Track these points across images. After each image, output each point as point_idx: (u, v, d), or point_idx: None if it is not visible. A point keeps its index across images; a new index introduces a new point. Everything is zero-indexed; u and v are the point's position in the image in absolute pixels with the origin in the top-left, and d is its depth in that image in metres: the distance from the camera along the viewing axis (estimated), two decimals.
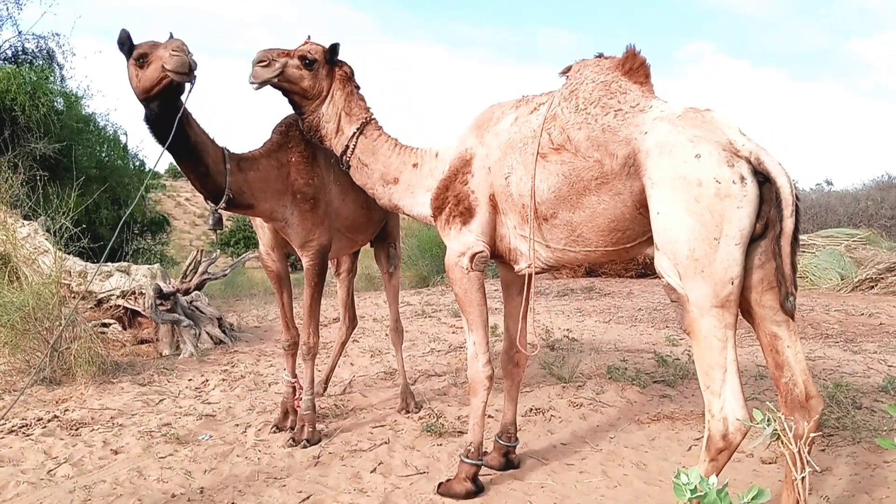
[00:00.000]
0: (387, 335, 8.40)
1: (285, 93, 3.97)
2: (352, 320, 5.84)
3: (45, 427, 4.78)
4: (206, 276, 8.51)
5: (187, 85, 3.60)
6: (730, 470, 3.35)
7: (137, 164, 15.15)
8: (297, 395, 4.70)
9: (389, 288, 5.50)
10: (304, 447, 4.36)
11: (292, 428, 4.63)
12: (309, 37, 4.03)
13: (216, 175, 3.95)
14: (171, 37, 3.62)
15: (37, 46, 13.08)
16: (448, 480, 3.66)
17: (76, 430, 4.74)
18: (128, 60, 3.62)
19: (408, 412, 5.09)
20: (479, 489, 3.61)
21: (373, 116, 4.04)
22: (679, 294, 2.87)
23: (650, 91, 3.24)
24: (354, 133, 3.94)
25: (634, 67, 3.28)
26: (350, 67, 4.03)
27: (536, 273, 3.51)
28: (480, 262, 3.56)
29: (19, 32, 12.97)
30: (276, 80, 3.85)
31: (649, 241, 3.10)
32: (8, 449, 4.36)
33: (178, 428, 4.80)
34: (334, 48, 3.93)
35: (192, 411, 5.25)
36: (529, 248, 3.40)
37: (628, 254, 3.37)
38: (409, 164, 3.92)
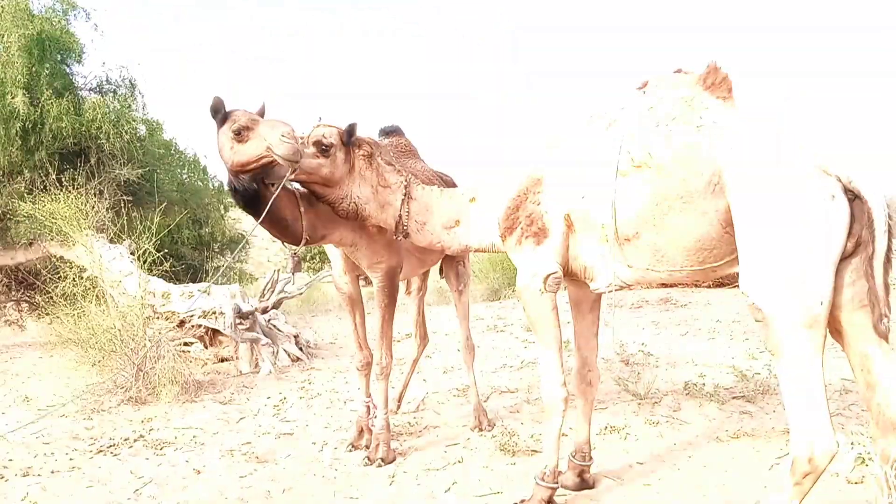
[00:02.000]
0: (458, 350, 8.44)
1: (303, 184, 3.86)
2: (423, 338, 5.97)
3: (131, 447, 4.99)
4: (283, 295, 8.72)
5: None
6: (814, 490, 3.22)
7: (217, 184, 15.63)
8: (371, 415, 4.76)
9: (460, 306, 5.57)
10: (379, 466, 4.41)
11: (367, 447, 4.68)
12: (320, 118, 3.88)
13: (294, 223, 3.98)
14: (264, 109, 3.72)
15: (120, 76, 13.64)
16: (523, 501, 3.63)
17: (161, 449, 4.93)
18: (219, 128, 3.61)
19: (481, 430, 5.08)
20: None
21: (408, 176, 3.97)
22: (765, 314, 2.79)
23: (733, 106, 3.16)
24: (402, 200, 3.87)
25: (717, 82, 3.20)
26: (370, 143, 3.92)
27: (614, 291, 3.46)
28: (554, 282, 3.50)
29: (104, 63, 13.55)
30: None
31: (736, 260, 3.02)
32: (97, 469, 4.56)
33: (257, 446, 4.93)
34: (351, 130, 3.80)
35: (271, 429, 5.38)
36: (610, 269, 3.34)
37: (715, 273, 3.27)
38: (465, 201, 3.88)
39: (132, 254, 8.35)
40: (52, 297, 7.39)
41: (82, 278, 7.62)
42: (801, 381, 2.73)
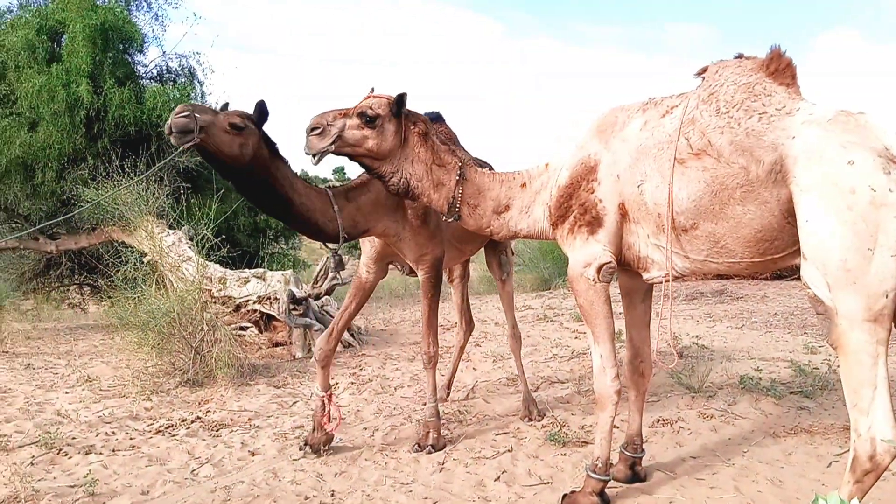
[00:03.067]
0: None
1: (351, 158, 3.73)
2: (468, 324, 5.93)
3: (188, 428, 5.12)
4: (335, 282, 8.82)
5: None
6: (875, 489, 3.13)
7: None
8: (325, 409, 4.56)
9: (504, 295, 5.53)
10: (429, 453, 4.43)
11: (314, 444, 4.52)
12: (373, 89, 3.75)
13: (327, 224, 4.00)
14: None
15: (179, 65, 13.93)
16: (573, 492, 3.61)
17: (217, 430, 5.05)
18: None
19: (530, 420, 5.07)
20: (605, 503, 3.55)
21: (464, 158, 3.91)
22: (827, 307, 2.72)
23: (797, 93, 3.07)
24: (457, 181, 3.76)
25: (780, 68, 3.11)
26: (425, 121, 3.80)
27: (669, 282, 3.38)
28: (607, 273, 3.43)
29: (164, 52, 13.88)
30: (333, 148, 3.57)
31: (798, 251, 2.94)
32: (156, 448, 4.69)
33: (310, 430, 5.00)
34: (401, 99, 3.64)
35: None
36: (667, 259, 3.26)
37: (775, 265, 3.20)
38: (517, 185, 3.81)
39: (191, 239, 8.56)
40: (113, 281, 7.61)
41: (143, 263, 7.83)
42: (863, 377, 2.65)
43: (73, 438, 4.87)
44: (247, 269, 8.76)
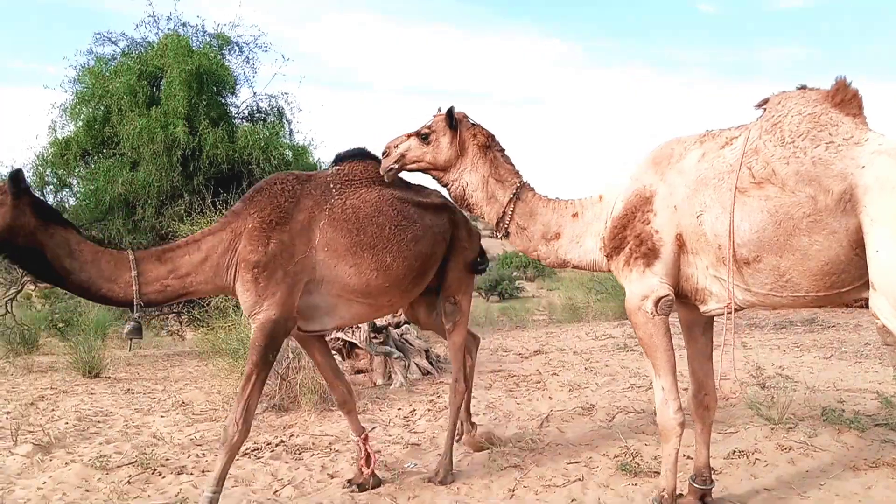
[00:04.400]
0: (586, 369, 8.43)
1: (423, 172, 4.05)
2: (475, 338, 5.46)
3: (273, 451, 5.39)
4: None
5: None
6: None
7: None
8: (362, 455, 4.53)
9: (450, 344, 4.94)
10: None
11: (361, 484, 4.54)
12: (439, 109, 4.01)
13: (114, 291, 3.73)
14: None
15: (269, 105, 14.63)
16: None
17: (299, 454, 5.29)
18: None
19: (433, 481, 4.57)
20: None
21: (525, 180, 3.98)
22: None
23: (864, 123, 3.08)
24: (511, 199, 3.88)
25: (846, 99, 3.12)
26: (486, 133, 3.95)
27: (732, 314, 3.38)
28: (666, 306, 3.45)
29: (254, 94, 14.59)
30: (398, 165, 3.99)
31: (864, 285, 2.95)
32: (241, 470, 4.96)
33: (386, 455, 5.19)
34: (449, 112, 3.89)
35: (400, 440, 5.64)
36: (728, 290, 3.26)
37: (841, 299, 3.17)
38: (568, 215, 3.87)
39: None
40: (206, 310, 8.05)
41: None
42: None
43: (167, 459, 5.20)
44: None
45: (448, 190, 4.02)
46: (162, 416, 6.66)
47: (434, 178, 4.06)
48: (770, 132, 3.17)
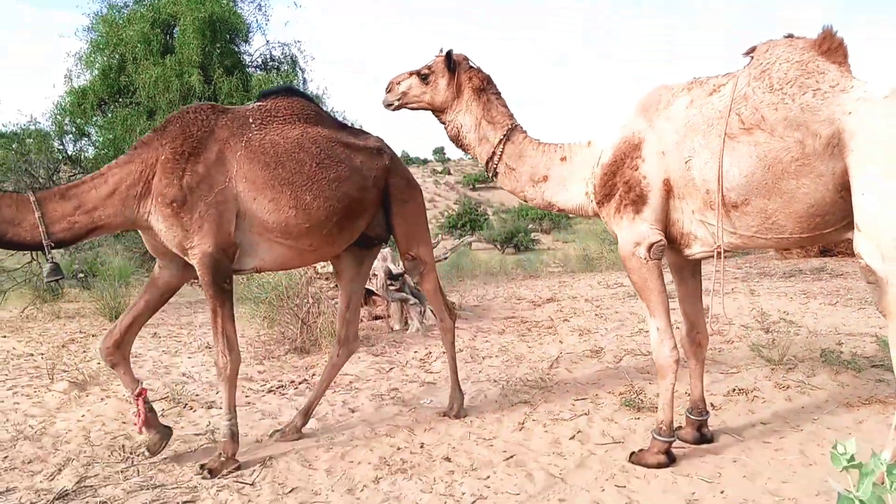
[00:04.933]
0: (596, 315, 8.66)
1: (422, 110, 4.20)
2: (349, 341, 4.85)
3: (296, 388, 5.72)
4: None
5: None
6: None
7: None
8: (137, 412, 4.13)
9: (425, 292, 4.95)
10: (206, 478, 3.86)
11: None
12: (441, 49, 4.14)
13: (21, 234, 3.61)
14: None
15: (282, 53, 14.67)
16: (641, 451, 3.90)
17: None
18: None
19: (450, 416, 4.79)
20: (671, 460, 3.81)
21: (517, 122, 4.10)
22: (878, 276, 2.90)
23: (848, 71, 3.19)
24: (500, 140, 4.02)
25: (833, 48, 3.23)
26: (482, 76, 4.07)
27: (709, 257, 3.57)
28: (658, 251, 3.59)
29: (267, 42, 14.65)
30: (398, 101, 4.16)
31: (847, 226, 3.12)
32: (268, 405, 5.29)
33: (404, 393, 5.48)
34: (449, 54, 4.04)
35: (416, 379, 5.92)
36: (717, 234, 3.41)
37: (823, 239, 3.35)
38: (557, 159, 3.98)
39: None
40: None
41: None
42: None
43: (197, 395, 5.54)
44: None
45: (445, 130, 4.19)
46: (189, 358, 6.99)
47: (436, 116, 4.22)
48: (759, 79, 3.28)
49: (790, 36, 3.41)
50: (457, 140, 4.16)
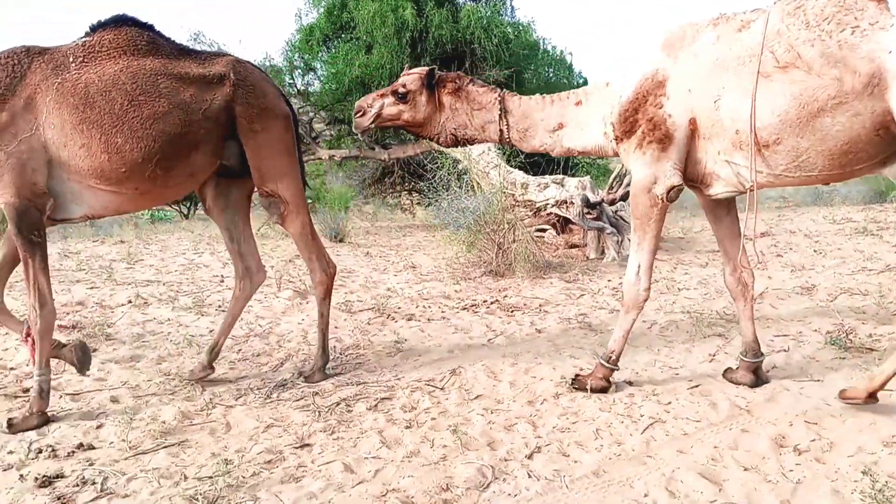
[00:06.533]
0: (815, 251, 8.06)
1: (399, 128, 4.10)
2: (252, 273, 4.54)
3: (488, 308, 5.96)
4: (630, 188, 9.05)
5: None
6: None
7: (581, 81, 16.19)
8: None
9: (292, 236, 4.51)
10: (4, 432, 3.52)
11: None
12: (408, 66, 4.15)
13: None
14: None
15: None
16: (580, 376, 3.98)
17: (511, 312, 5.79)
18: None
19: (302, 376, 4.34)
20: (608, 386, 3.88)
21: (502, 91, 3.96)
22: None
23: (887, 9, 3.02)
24: (500, 115, 3.92)
25: None
26: (452, 78, 4.00)
27: (736, 195, 3.53)
28: (675, 194, 3.53)
29: None
30: (373, 125, 4.04)
31: (877, 164, 3.07)
32: (461, 321, 5.59)
33: (591, 318, 5.53)
34: (431, 73, 3.95)
35: (606, 306, 5.93)
36: (751, 174, 3.29)
37: (851, 176, 3.28)
38: (571, 105, 3.86)
39: (497, 147, 9.34)
40: (433, 184, 8.70)
41: (456, 169, 8.81)
42: None
43: (399, 308, 5.97)
44: (547, 176, 9.34)
45: (438, 142, 4.12)
46: (395, 276, 7.49)
47: (412, 133, 4.18)
48: (793, 15, 3.14)
49: None
50: (456, 143, 4.13)
